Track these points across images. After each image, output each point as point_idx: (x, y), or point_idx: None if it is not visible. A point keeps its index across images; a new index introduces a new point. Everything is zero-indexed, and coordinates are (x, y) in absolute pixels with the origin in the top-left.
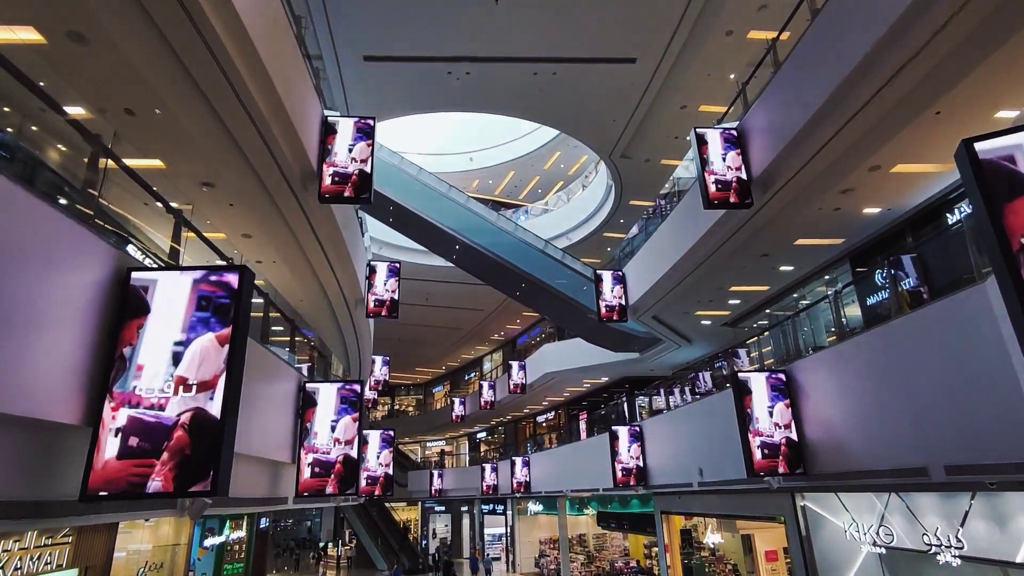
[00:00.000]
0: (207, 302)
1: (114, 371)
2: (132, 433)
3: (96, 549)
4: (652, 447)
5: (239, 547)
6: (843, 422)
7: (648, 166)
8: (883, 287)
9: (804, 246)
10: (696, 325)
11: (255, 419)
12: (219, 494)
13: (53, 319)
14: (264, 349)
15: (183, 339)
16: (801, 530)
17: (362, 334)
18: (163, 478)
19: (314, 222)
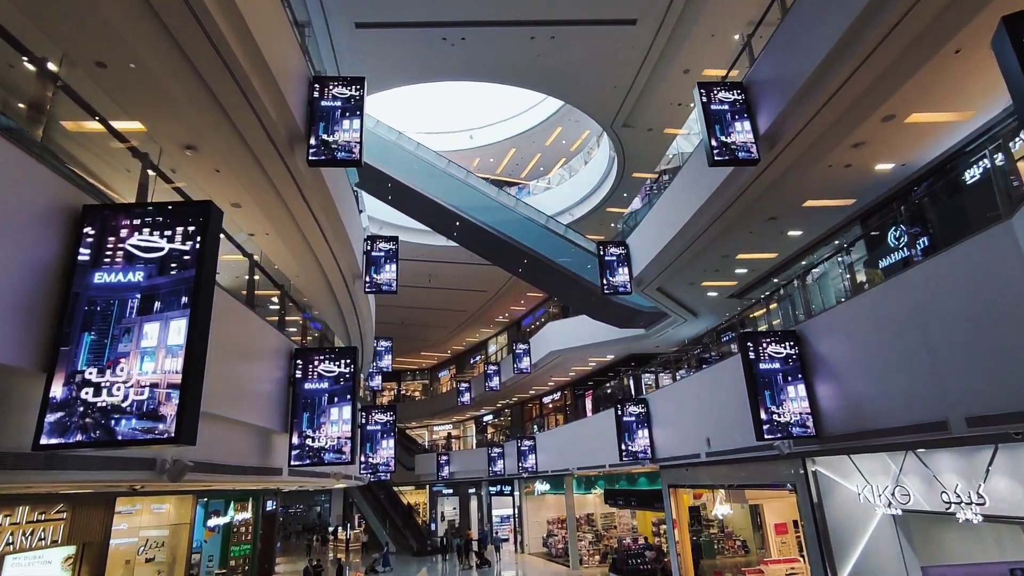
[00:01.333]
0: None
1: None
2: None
3: (93, 526)
4: (659, 420)
5: (245, 529)
6: (857, 381)
7: (651, 136)
8: (896, 248)
9: (813, 208)
10: (702, 297)
11: (241, 383)
12: (183, 442)
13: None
14: (249, 312)
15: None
16: (812, 496)
17: (362, 312)
18: (123, 427)
19: (304, 188)
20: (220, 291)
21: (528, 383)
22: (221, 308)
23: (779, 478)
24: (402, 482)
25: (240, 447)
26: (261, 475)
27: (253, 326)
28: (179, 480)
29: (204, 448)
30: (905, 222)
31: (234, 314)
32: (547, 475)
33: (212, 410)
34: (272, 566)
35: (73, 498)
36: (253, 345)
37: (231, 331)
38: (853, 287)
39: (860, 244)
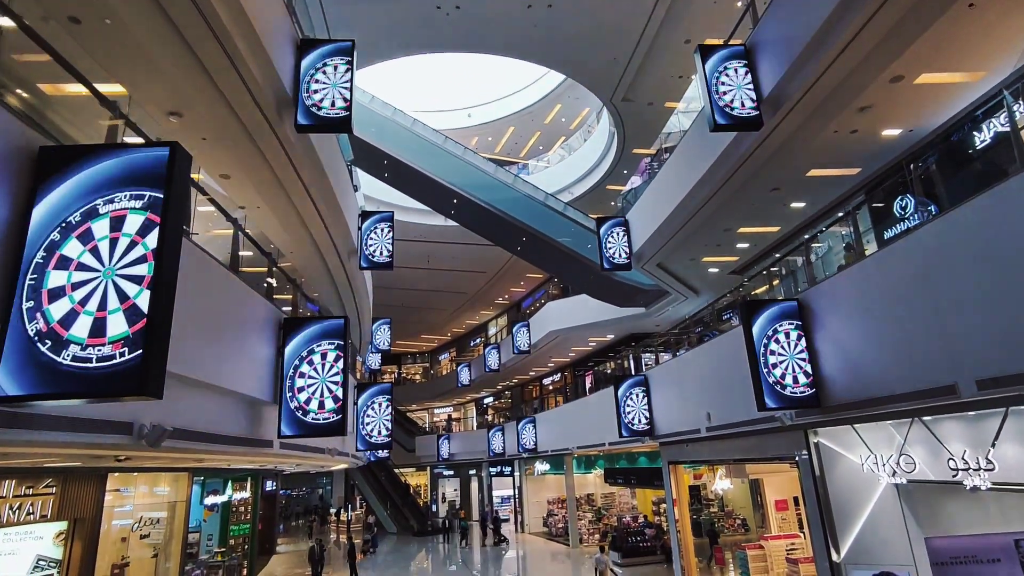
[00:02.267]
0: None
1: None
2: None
3: (84, 501)
4: (658, 396)
5: (244, 508)
6: (861, 348)
7: (651, 110)
8: (902, 218)
9: (817, 178)
10: (703, 273)
11: (226, 350)
12: (148, 393)
13: None
14: (234, 278)
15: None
16: (815, 469)
17: (359, 290)
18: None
19: (294, 157)
20: (203, 255)
21: (528, 364)
22: (204, 273)
23: (780, 451)
24: (403, 464)
25: (226, 417)
26: (250, 447)
27: (238, 292)
28: (158, 446)
29: (187, 415)
30: (911, 191)
31: (218, 279)
32: (547, 455)
33: (193, 374)
34: (274, 546)
35: (62, 473)
36: (238, 312)
37: (214, 296)
38: (857, 258)
39: (864, 216)
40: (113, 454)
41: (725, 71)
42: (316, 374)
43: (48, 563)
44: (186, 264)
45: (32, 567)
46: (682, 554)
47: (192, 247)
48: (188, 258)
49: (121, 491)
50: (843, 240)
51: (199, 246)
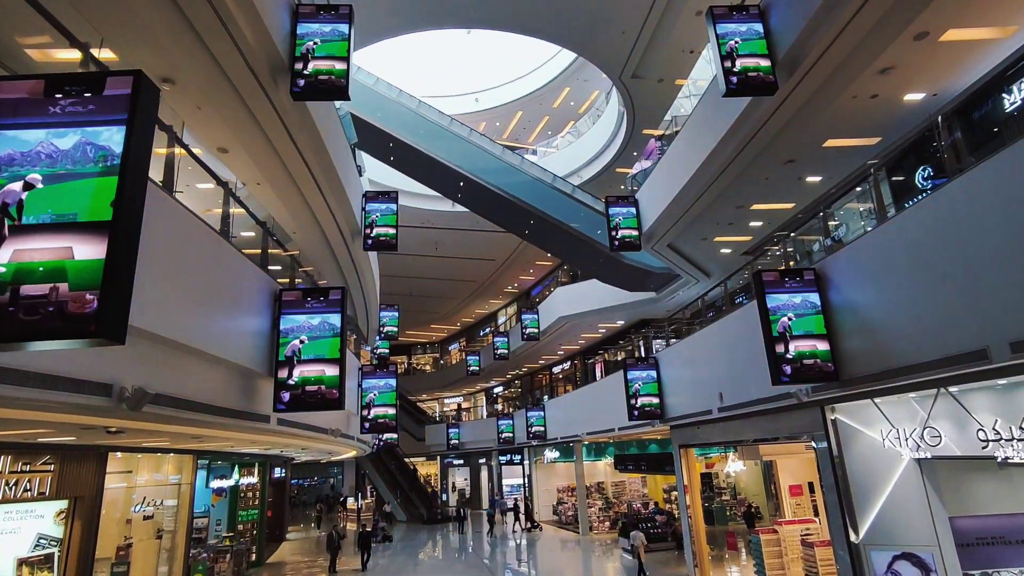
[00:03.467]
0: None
1: None
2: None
3: (84, 479)
4: (669, 378)
5: (252, 494)
6: (883, 316)
7: (661, 87)
8: (924, 189)
9: (834, 149)
10: (714, 254)
11: (216, 316)
12: (107, 337)
13: None
14: (225, 243)
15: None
16: (832, 448)
17: (364, 272)
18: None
19: (292, 129)
20: (190, 216)
21: (537, 352)
22: (191, 235)
23: (796, 429)
24: (412, 453)
25: (218, 387)
26: (244, 420)
27: (229, 259)
28: (139, 410)
29: (174, 382)
30: (936, 159)
31: (207, 244)
32: (556, 442)
33: (179, 338)
34: (283, 532)
35: (60, 450)
36: (229, 278)
37: (203, 260)
38: (880, 221)
39: (884, 188)
40: (96, 422)
41: (737, 32)
42: (313, 346)
43: (49, 541)
44: (171, 225)
45: (33, 545)
46: (693, 540)
47: (181, 209)
48: (175, 219)
49: (124, 471)
50: (861, 218)
51: (187, 207)
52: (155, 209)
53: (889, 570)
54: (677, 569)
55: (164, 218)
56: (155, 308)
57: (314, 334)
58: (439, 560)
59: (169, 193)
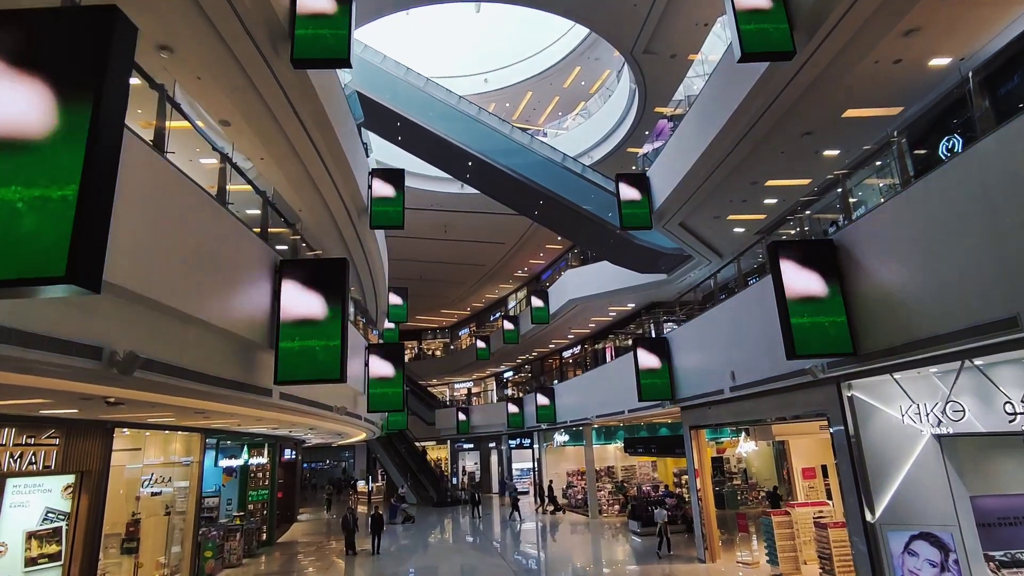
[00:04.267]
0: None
1: None
2: None
3: (90, 454)
4: (680, 358)
5: (263, 474)
6: (904, 287)
7: (674, 63)
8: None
9: (853, 120)
10: (727, 233)
11: (212, 283)
12: (77, 282)
13: None
14: (222, 210)
15: None
16: (849, 427)
17: (371, 253)
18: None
19: (294, 100)
20: (186, 181)
21: (547, 336)
22: (186, 198)
23: (811, 407)
24: (423, 437)
25: (217, 357)
26: (245, 392)
27: (227, 226)
28: (130, 375)
29: (170, 349)
30: (961, 128)
31: (204, 209)
32: (566, 425)
33: (173, 303)
34: (295, 513)
35: (65, 424)
36: (228, 247)
37: (200, 226)
38: (904, 185)
39: (906, 163)
40: (91, 390)
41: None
42: (314, 318)
43: (57, 515)
44: (163, 187)
45: (41, 519)
46: (704, 522)
47: (174, 171)
48: (167, 182)
49: (133, 450)
50: (880, 195)
51: (182, 171)
52: (146, 170)
53: (906, 550)
54: (687, 551)
55: (156, 180)
56: (148, 272)
57: (316, 306)
58: (450, 544)
59: (161, 154)
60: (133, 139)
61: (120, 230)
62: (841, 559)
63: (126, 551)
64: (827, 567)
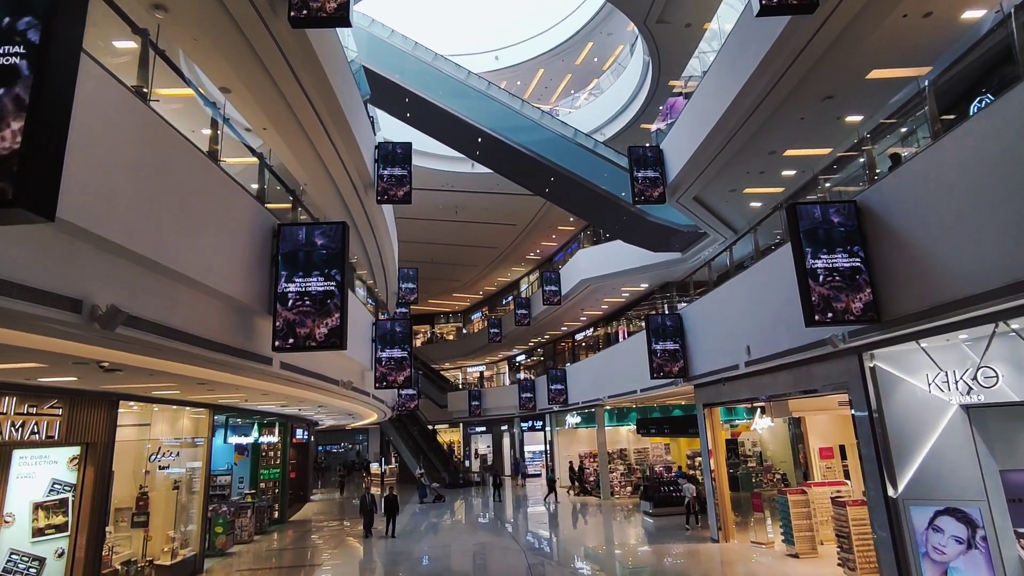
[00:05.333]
0: None
1: None
2: None
3: (94, 426)
4: (693, 334)
5: (274, 453)
6: (933, 247)
7: (689, 32)
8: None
9: (878, 82)
10: (744, 208)
11: (206, 243)
12: (28, 207)
13: None
14: (215, 168)
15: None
16: (871, 398)
17: (379, 230)
18: None
19: (294, 63)
20: (172, 132)
21: (559, 318)
22: (176, 153)
23: (830, 379)
24: (435, 420)
25: (212, 321)
26: (243, 359)
27: (221, 184)
28: (112, 330)
29: (159, 308)
30: (998, 80)
31: (194, 163)
32: (578, 407)
33: (160, 258)
34: (308, 494)
35: (68, 395)
36: (222, 206)
37: (191, 182)
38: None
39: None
40: (75, 350)
41: None
42: (312, 283)
43: (63, 487)
44: (149, 136)
45: (48, 490)
46: (717, 503)
47: (162, 123)
48: (153, 131)
49: (141, 425)
50: (903, 161)
51: (166, 120)
52: (128, 118)
53: (931, 526)
54: (701, 532)
55: (139, 129)
56: (132, 223)
57: (313, 271)
58: (467, 525)
59: (144, 101)
60: (115, 86)
61: (100, 178)
62: (860, 538)
63: (136, 525)
64: (845, 545)
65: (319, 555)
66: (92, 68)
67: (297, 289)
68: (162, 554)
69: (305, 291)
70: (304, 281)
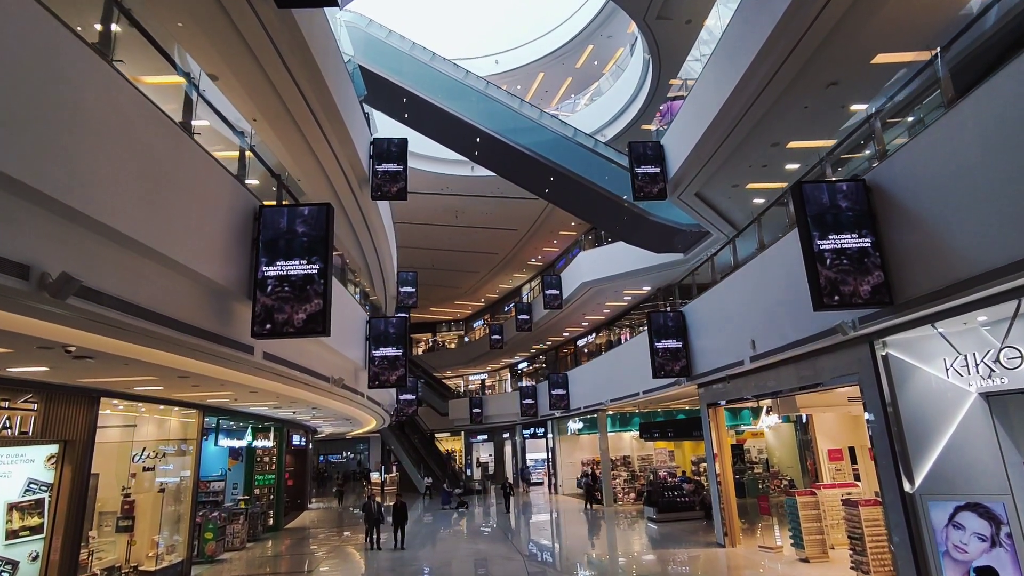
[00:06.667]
0: None
1: None
2: None
3: (73, 422)
4: (696, 332)
5: (269, 459)
6: (950, 221)
7: (689, 29)
8: None
9: (883, 67)
10: (746, 204)
11: (176, 215)
12: None
13: None
14: (186, 138)
15: None
16: (884, 389)
17: (376, 231)
18: None
19: (282, 49)
20: (137, 95)
21: (561, 323)
22: (144, 119)
23: (839, 371)
24: (437, 428)
25: (185, 301)
26: (220, 344)
27: (192, 156)
28: (62, 299)
29: (121, 281)
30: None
31: (164, 133)
32: (580, 412)
33: (120, 226)
34: (306, 502)
35: (45, 389)
36: (194, 180)
37: (156, 148)
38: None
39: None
40: (30, 328)
41: None
42: (295, 267)
43: (40, 487)
44: (112, 99)
45: (24, 490)
46: (723, 506)
47: (128, 87)
48: (117, 94)
49: (127, 424)
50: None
51: (131, 82)
52: (88, 77)
53: (951, 523)
54: (705, 538)
55: (102, 91)
56: (90, 188)
57: (296, 255)
58: (464, 534)
59: (106, 59)
60: (75, 42)
61: (52, 134)
62: (874, 539)
63: (121, 529)
64: (858, 547)
65: (315, 564)
66: (48, 21)
67: (278, 273)
68: (147, 559)
69: (287, 275)
70: (286, 265)
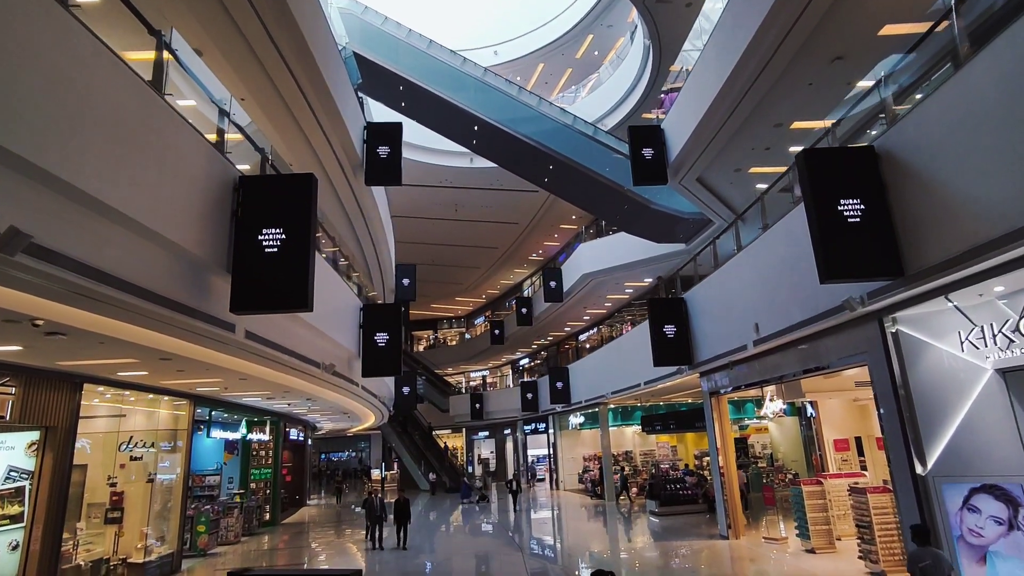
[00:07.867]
0: None
1: None
2: None
3: (55, 408)
4: (698, 318)
5: (265, 453)
6: (964, 184)
7: (690, 12)
8: None
9: (890, 40)
10: (749, 189)
11: (134, 173)
12: None
13: None
14: (158, 98)
15: None
16: (894, 368)
17: (372, 220)
18: None
19: (268, 24)
20: (100, 46)
21: (562, 317)
22: (103, 67)
23: (847, 351)
24: (438, 426)
25: (157, 270)
26: (197, 319)
27: (163, 117)
28: (11, 255)
29: (81, 243)
30: None
31: (130, 89)
32: (581, 406)
33: (76, 181)
34: (304, 498)
35: (23, 372)
36: (166, 143)
37: (122, 105)
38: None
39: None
40: None
41: None
42: (275, 239)
43: (20, 474)
44: (71, 48)
45: (3, 477)
46: (727, 498)
47: (90, 37)
48: (77, 44)
49: (113, 414)
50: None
51: (99, 37)
52: (39, 17)
53: (965, 506)
54: (709, 530)
55: (60, 40)
56: (43, 136)
57: (275, 228)
58: (465, 531)
59: (63, 5)
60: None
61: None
62: (883, 527)
63: (110, 521)
64: (866, 536)
65: (313, 558)
66: None
67: (258, 245)
68: (136, 551)
69: (267, 247)
70: (266, 237)
